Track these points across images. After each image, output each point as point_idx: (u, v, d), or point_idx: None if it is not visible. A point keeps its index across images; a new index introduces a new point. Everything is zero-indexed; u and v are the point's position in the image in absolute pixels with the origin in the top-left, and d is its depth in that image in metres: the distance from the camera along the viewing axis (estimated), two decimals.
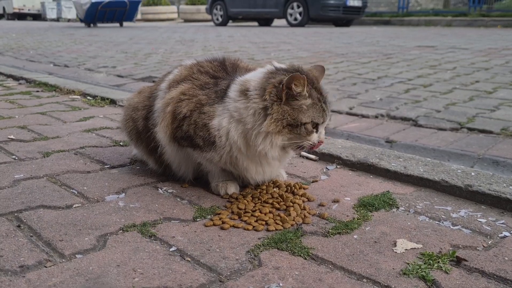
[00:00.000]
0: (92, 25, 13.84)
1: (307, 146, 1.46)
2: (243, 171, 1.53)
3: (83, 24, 13.69)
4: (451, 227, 1.38)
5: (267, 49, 7.01)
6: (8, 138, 2.24)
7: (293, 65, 1.52)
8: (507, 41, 7.80)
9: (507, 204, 1.49)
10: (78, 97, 3.40)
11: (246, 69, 1.63)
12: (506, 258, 1.20)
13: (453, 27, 13.55)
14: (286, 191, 1.60)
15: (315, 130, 1.44)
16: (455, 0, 18.62)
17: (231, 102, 1.44)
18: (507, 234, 1.33)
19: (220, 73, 1.58)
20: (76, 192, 1.60)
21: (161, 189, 1.65)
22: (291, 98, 1.39)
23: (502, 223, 1.40)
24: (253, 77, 1.47)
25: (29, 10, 28.76)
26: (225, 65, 1.62)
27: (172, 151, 1.61)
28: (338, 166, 1.92)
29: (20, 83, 4.08)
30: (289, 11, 14.06)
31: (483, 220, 1.42)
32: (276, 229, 1.34)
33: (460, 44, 7.22)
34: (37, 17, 28.77)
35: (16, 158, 1.95)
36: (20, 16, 28.68)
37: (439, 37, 9.09)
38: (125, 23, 14.84)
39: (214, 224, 1.37)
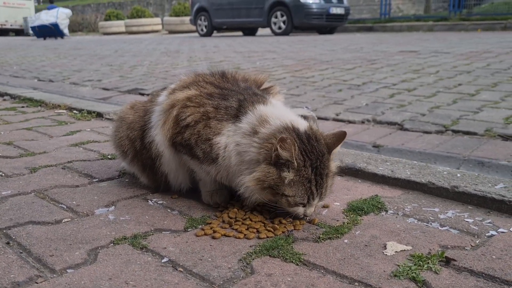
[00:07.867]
0: (43, 38, 19.57)
1: (293, 214, 1.40)
2: (237, 186, 1.49)
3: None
4: (439, 228, 1.40)
5: (252, 58, 7.05)
6: None
7: (311, 127, 1.41)
8: (487, 44, 7.95)
9: (493, 204, 1.51)
10: (64, 111, 3.38)
11: (243, 80, 1.64)
12: (494, 257, 1.22)
13: (434, 31, 13.77)
14: None
15: (301, 205, 1.37)
16: (436, 5, 18.92)
17: (239, 132, 1.41)
18: (494, 233, 1.35)
19: (224, 84, 1.57)
20: (65, 207, 1.59)
21: (151, 200, 1.64)
22: (281, 162, 1.33)
23: (488, 223, 1.42)
24: (272, 121, 1.39)
25: (11, 25, 28.50)
26: (227, 77, 1.63)
27: (170, 156, 1.57)
28: None
29: (4, 99, 4.04)
30: (273, 20, 14.17)
31: (470, 220, 1.44)
32: (267, 237, 1.34)
33: (442, 48, 7.34)
34: (20, 32, 28.53)
35: (3, 174, 1.93)
36: (2, 31, 28.39)
37: (421, 41, 9.22)
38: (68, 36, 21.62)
39: (205, 234, 1.37)
